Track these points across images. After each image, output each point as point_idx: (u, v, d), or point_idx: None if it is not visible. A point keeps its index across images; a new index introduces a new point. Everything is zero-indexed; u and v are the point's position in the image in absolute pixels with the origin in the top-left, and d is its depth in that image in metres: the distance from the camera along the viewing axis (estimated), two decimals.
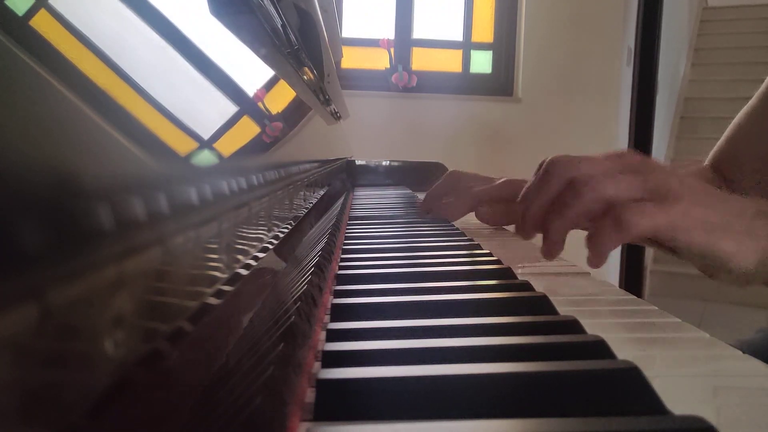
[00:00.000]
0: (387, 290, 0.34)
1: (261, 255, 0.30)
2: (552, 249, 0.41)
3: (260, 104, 0.43)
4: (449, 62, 2.78)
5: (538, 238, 0.45)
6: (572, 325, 0.27)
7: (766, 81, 0.70)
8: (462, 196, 0.70)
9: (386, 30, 2.76)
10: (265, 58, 0.52)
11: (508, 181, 0.68)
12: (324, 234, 0.50)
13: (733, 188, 0.68)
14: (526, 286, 0.35)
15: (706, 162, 0.75)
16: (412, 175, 1.44)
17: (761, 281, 0.40)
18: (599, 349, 0.23)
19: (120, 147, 0.16)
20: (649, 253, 2.74)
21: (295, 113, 0.61)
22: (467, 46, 2.78)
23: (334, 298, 0.32)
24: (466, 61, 2.78)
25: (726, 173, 0.72)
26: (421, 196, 1.14)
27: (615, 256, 2.69)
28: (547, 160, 0.43)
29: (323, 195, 0.74)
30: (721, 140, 0.74)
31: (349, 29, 2.73)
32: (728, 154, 0.73)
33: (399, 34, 2.75)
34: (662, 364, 0.26)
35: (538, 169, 0.44)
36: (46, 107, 0.13)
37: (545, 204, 0.42)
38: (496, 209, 0.68)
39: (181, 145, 0.22)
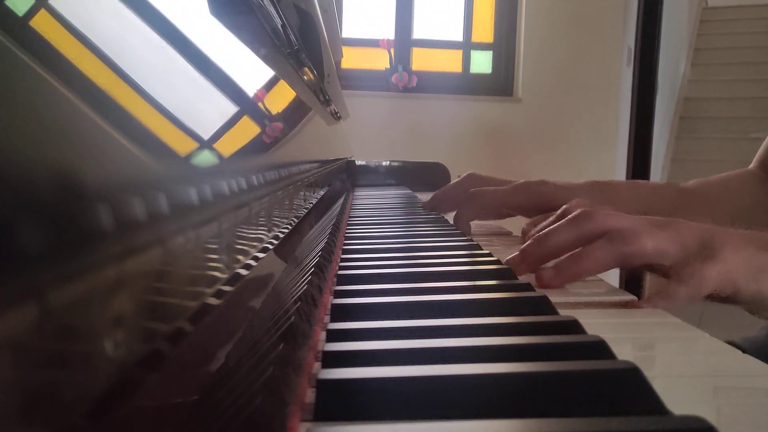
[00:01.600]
0: (387, 290, 0.34)
1: (261, 255, 0.30)
2: (558, 282, 0.40)
3: (260, 104, 0.43)
4: (449, 62, 2.78)
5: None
6: (572, 326, 0.27)
7: None
8: (472, 201, 0.65)
9: (386, 30, 2.76)
10: (265, 58, 0.52)
11: (524, 185, 0.65)
12: (324, 234, 0.50)
13: None
14: (527, 287, 0.35)
15: (753, 164, 0.72)
16: (412, 175, 1.44)
17: None
18: (599, 349, 0.23)
19: (120, 147, 0.16)
20: None
21: (295, 113, 0.61)
22: (467, 46, 2.78)
23: (334, 298, 0.32)
24: (466, 61, 2.78)
25: None
26: (421, 196, 1.14)
27: None
28: (578, 210, 0.42)
29: (323, 195, 0.74)
30: (766, 142, 0.71)
31: (349, 29, 2.73)
32: None
33: (399, 34, 2.76)
34: (662, 364, 0.26)
35: (561, 216, 0.43)
36: (46, 107, 0.13)
37: (570, 244, 0.41)
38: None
39: (181, 145, 0.22)
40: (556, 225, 0.43)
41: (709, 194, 0.67)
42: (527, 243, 0.43)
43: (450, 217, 0.72)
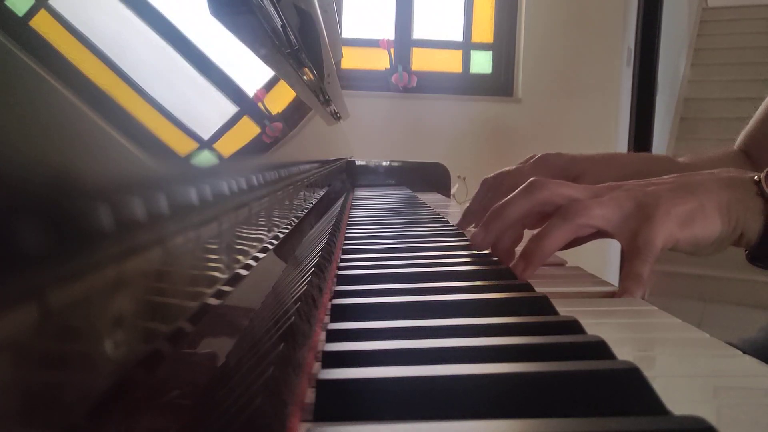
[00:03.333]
0: (387, 290, 0.34)
1: (261, 255, 0.30)
2: (530, 272, 0.42)
3: (260, 104, 0.43)
4: (449, 62, 2.78)
5: None
6: (572, 326, 0.27)
7: None
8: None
9: (386, 30, 2.76)
10: (265, 59, 0.52)
11: (543, 159, 0.67)
12: (324, 234, 0.50)
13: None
14: (526, 287, 0.35)
15: (736, 146, 0.75)
16: (412, 175, 1.44)
17: (731, 241, 0.43)
18: (599, 349, 0.23)
19: (120, 147, 0.16)
20: None
21: (295, 113, 0.61)
22: (467, 46, 2.78)
23: (334, 298, 0.32)
24: (466, 61, 2.78)
25: (755, 156, 0.72)
26: (421, 196, 1.14)
27: (615, 257, 2.69)
28: (530, 179, 0.45)
29: (323, 195, 0.74)
30: (751, 123, 0.74)
31: (349, 29, 2.73)
32: (758, 136, 0.73)
33: (399, 34, 2.75)
34: (662, 364, 0.26)
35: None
36: (46, 107, 0.13)
37: (525, 212, 0.44)
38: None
39: (181, 145, 0.22)
40: (510, 196, 0.45)
41: (698, 169, 0.69)
42: (486, 216, 0.46)
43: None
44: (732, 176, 0.43)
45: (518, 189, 0.45)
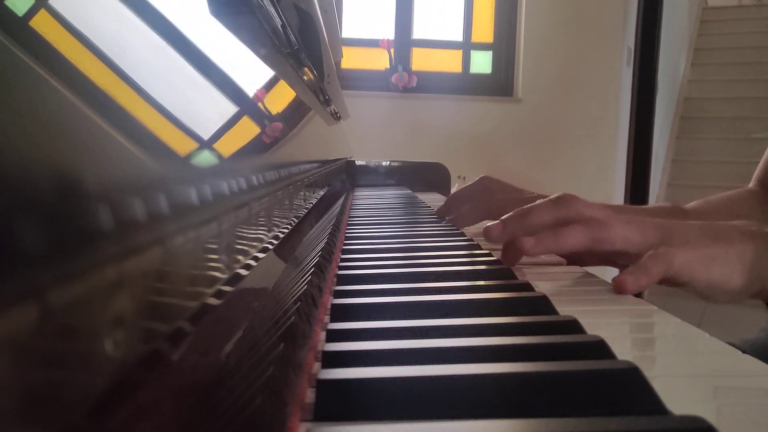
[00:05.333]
0: (387, 290, 0.34)
1: (261, 255, 0.30)
2: (536, 251, 0.43)
3: (260, 104, 0.43)
4: (449, 62, 2.78)
5: None
6: (572, 325, 0.27)
7: None
8: (481, 202, 0.66)
9: (386, 30, 2.76)
10: (265, 59, 0.52)
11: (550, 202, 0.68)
12: (324, 234, 0.50)
13: None
14: (526, 287, 0.35)
15: (752, 182, 0.73)
16: (412, 175, 1.44)
17: (749, 297, 0.43)
18: (599, 349, 0.23)
19: (120, 147, 0.16)
20: None
21: (295, 113, 0.61)
22: (467, 46, 2.78)
23: (334, 298, 0.32)
24: (466, 61, 2.78)
25: None
26: (421, 196, 1.14)
27: None
28: (560, 193, 0.47)
29: (323, 195, 0.74)
30: (763, 161, 0.73)
31: (349, 29, 2.73)
32: None
33: (399, 34, 2.75)
34: (662, 364, 0.26)
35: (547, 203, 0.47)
36: (46, 107, 0.13)
37: (548, 223, 0.45)
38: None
39: (181, 145, 0.22)
40: (537, 203, 0.47)
41: (710, 215, 0.69)
42: (508, 215, 0.47)
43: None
44: (753, 230, 0.43)
45: (547, 199, 0.47)
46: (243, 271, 0.25)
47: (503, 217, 0.47)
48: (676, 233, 0.42)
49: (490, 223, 0.48)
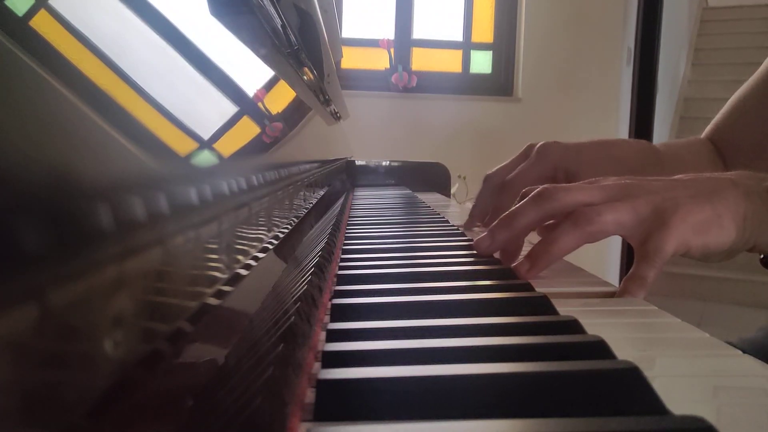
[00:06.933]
0: (387, 290, 0.34)
1: (261, 255, 0.30)
2: (534, 273, 0.42)
3: (260, 104, 0.43)
4: (449, 62, 2.78)
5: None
6: (572, 326, 0.27)
7: (766, 60, 0.70)
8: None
9: (386, 30, 2.76)
10: (265, 58, 0.52)
11: (543, 149, 0.69)
12: (324, 234, 0.50)
13: (728, 163, 0.70)
14: (527, 287, 0.35)
15: (704, 134, 0.76)
16: (412, 175, 1.44)
17: (742, 250, 0.43)
18: (599, 349, 0.23)
19: (120, 147, 0.16)
20: None
21: (295, 113, 0.61)
22: (467, 46, 2.78)
23: (334, 298, 0.32)
24: (466, 61, 2.78)
25: (723, 149, 0.73)
26: (421, 196, 1.14)
27: (615, 257, 2.69)
28: (539, 188, 0.44)
29: (323, 195, 0.74)
30: (719, 116, 0.75)
31: (349, 29, 2.73)
32: (726, 131, 0.74)
33: (399, 34, 2.75)
34: (662, 364, 0.26)
35: (522, 197, 0.45)
36: (46, 107, 0.13)
37: (535, 223, 0.44)
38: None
39: (181, 145, 0.22)
40: (519, 205, 0.45)
41: (678, 156, 0.71)
42: (494, 224, 0.45)
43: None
44: (749, 184, 0.43)
45: (527, 198, 0.44)
46: (243, 271, 0.26)
47: (490, 227, 0.46)
48: (668, 199, 0.41)
49: (477, 237, 0.46)
